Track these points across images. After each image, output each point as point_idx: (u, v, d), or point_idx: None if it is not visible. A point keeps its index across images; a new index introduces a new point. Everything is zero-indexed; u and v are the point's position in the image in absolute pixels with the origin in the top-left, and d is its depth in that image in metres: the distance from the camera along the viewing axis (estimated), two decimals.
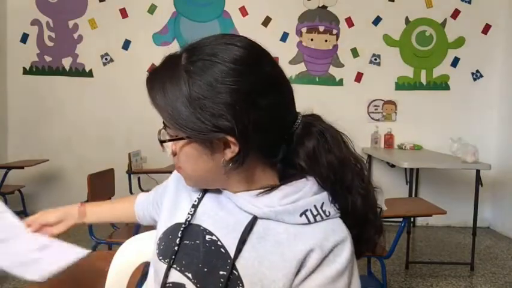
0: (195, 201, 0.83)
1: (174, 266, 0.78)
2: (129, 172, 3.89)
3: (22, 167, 4.07)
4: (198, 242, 0.78)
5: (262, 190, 0.77)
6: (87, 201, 2.75)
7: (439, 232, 4.56)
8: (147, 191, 1.13)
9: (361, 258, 0.79)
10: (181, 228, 0.80)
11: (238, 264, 0.73)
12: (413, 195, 4.04)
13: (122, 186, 3.69)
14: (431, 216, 2.99)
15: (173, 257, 0.78)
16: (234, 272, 0.73)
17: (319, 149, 0.77)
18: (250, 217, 0.76)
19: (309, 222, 0.74)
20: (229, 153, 0.73)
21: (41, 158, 4.41)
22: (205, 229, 0.79)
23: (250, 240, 0.75)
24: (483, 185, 3.53)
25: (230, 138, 0.72)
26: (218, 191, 0.83)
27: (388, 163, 4.46)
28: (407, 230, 3.43)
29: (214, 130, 0.71)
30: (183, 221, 0.81)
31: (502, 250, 4.07)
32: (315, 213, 0.74)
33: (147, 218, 1.11)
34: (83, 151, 4.75)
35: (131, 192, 4.01)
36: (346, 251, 0.73)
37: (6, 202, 4.09)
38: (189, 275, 0.76)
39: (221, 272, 0.74)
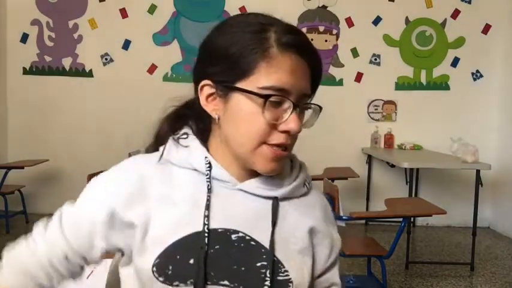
0: (207, 200, 0.74)
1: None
2: None
3: (22, 167, 4.08)
4: (218, 247, 0.71)
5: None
6: None
7: (439, 232, 4.56)
8: None
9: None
10: (206, 236, 0.71)
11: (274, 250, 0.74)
12: (413, 195, 4.04)
13: None
14: (431, 216, 2.99)
15: (204, 269, 0.69)
16: (273, 258, 0.73)
17: None
18: (269, 201, 0.77)
19: (308, 190, 0.83)
20: None
21: (41, 158, 4.40)
22: (227, 229, 0.73)
23: (277, 223, 0.77)
24: (483, 185, 3.53)
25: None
26: (220, 187, 0.76)
27: (388, 163, 4.46)
28: (407, 230, 3.43)
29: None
30: (188, 233, 0.71)
31: (502, 250, 4.07)
32: (307, 180, 0.83)
33: (85, 247, 0.76)
34: (82, 151, 4.74)
35: None
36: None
37: (6, 202, 4.09)
38: (225, 282, 0.70)
39: (258, 264, 0.72)
